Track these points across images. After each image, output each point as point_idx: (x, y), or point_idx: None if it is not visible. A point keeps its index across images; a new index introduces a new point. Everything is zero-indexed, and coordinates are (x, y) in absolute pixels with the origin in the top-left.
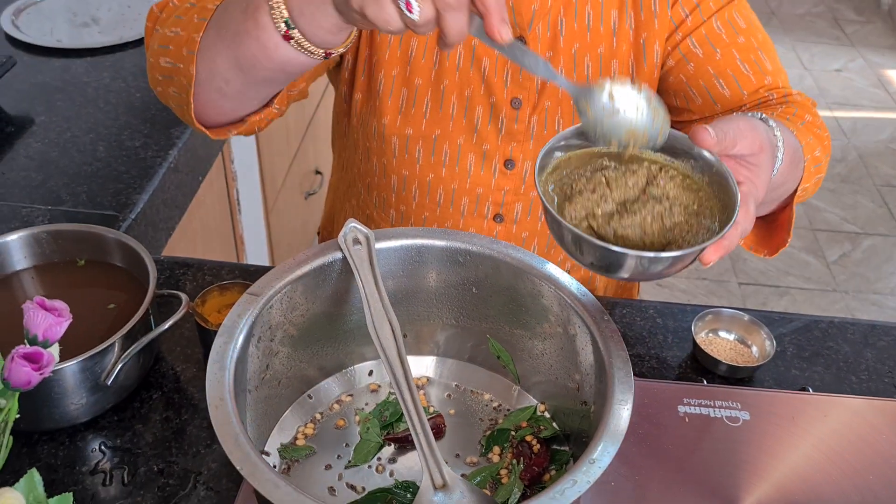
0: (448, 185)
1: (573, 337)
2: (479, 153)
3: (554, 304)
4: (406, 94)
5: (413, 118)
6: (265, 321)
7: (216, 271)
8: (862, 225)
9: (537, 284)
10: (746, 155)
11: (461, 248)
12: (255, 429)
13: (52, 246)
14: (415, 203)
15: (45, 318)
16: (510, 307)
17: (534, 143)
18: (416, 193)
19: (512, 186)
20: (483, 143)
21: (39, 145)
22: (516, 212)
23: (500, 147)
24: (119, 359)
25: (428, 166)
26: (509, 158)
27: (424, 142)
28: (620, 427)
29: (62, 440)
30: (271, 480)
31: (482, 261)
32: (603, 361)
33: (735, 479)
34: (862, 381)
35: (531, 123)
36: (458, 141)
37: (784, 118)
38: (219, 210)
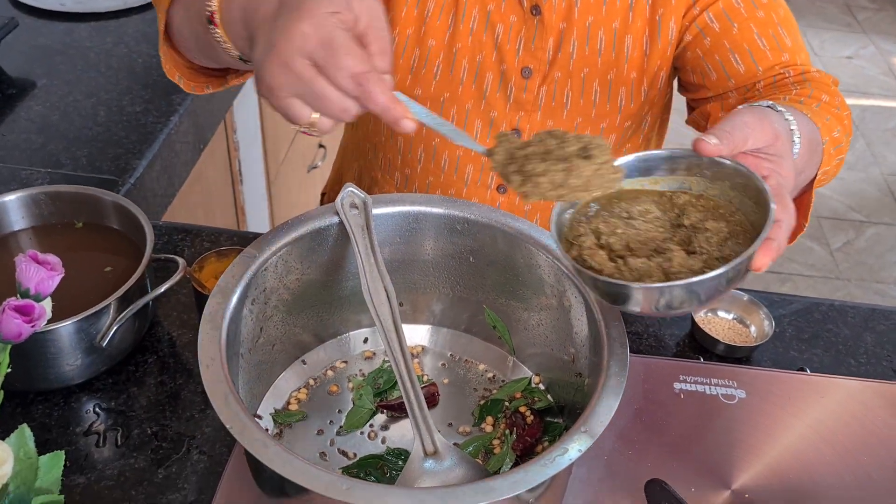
0: (453, 152)
1: (569, 308)
2: (486, 120)
3: (550, 275)
4: (418, 54)
5: (423, 79)
6: (260, 283)
7: (215, 238)
8: (867, 213)
9: (534, 254)
10: (763, 147)
11: (459, 216)
12: (247, 392)
13: (50, 207)
14: (420, 167)
15: (37, 272)
16: (507, 277)
17: (541, 115)
18: (421, 157)
19: None
20: (491, 111)
21: (40, 108)
22: None
23: (507, 115)
24: (114, 321)
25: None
26: (516, 128)
27: (432, 104)
28: (614, 398)
29: (56, 401)
30: (261, 440)
31: (480, 229)
32: (598, 333)
33: (729, 456)
34: (861, 364)
35: (540, 94)
36: (467, 106)
37: (797, 101)
38: (220, 180)
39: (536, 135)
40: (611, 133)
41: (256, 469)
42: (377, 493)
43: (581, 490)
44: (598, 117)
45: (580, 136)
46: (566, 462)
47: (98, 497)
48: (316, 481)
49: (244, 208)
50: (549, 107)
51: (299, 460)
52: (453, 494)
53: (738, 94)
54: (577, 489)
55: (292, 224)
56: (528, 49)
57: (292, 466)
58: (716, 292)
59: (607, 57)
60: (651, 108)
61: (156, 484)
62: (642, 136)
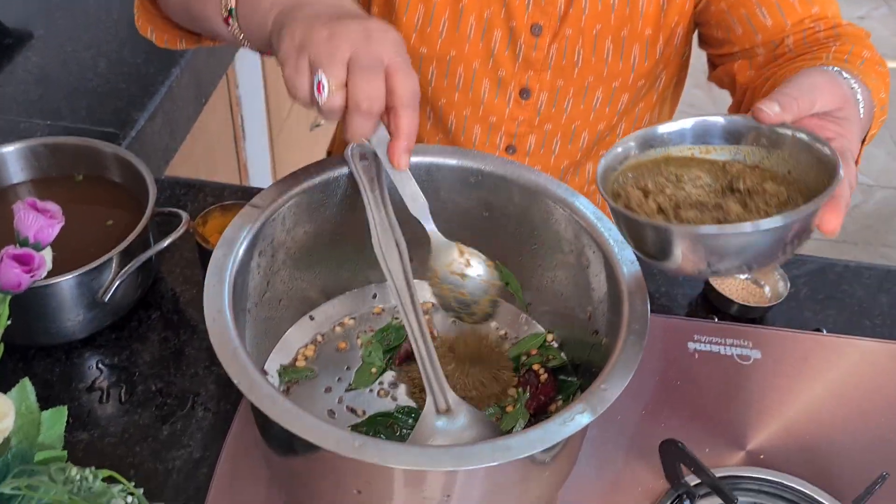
0: (460, 111)
1: (587, 265)
2: (493, 79)
3: (568, 230)
4: (423, 11)
5: (428, 37)
6: (267, 236)
7: (218, 192)
8: (875, 177)
9: (552, 209)
10: (832, 111)
11: (473, 167)
12: (254, 348)
13: (50, 160)
14: (429, 125)
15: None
16: (522, 232)
17: (551, 74)
18: (430, 115)
19: (526, 117)
20: (499, 69)
21: (38, 59)
22: (529, 144)
23: (516, 75)
24: (117, 275)
25: (441, 89)
26: (525, 87)
27: (438, 63)
28: (634, 357)
29: (58, 356)
30: (269, 395)
31: (495, 182)
32: (618, 291)
33: (744, 417)
34: (875, 325)
35: (550, 52)
36: (474, 65)
37: (842, 59)
38: (222, 136)
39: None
40: (623, 93)
41: (264, 426)
42: (390, 451)
43: (594, 450)
44: (611, 76)
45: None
46: (585, 421)
47: (102, 453)
48: (327, 438)
49: (246, 165)
50: (560, 66)
51: (309, 417)
52: (469, 453)
53: (766, 49)
54: (589, 449)
55: (300, 175)
56: (537, 4)
57: (302, 423)
58: (776, 249)
59: (621, 12)
60: (666, 67)
61: (160, 440)
62: (657, 94)
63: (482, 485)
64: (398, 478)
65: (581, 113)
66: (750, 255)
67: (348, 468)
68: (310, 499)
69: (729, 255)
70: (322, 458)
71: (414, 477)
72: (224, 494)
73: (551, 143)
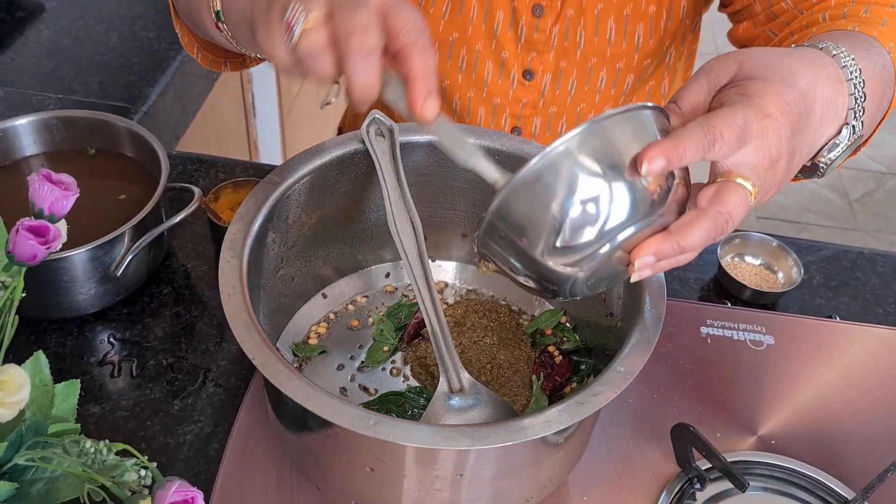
0: (465, 93)
1: None
2: (497, 61)
3: None
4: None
5: (431, 19)
6: (282, 212)
7: (230, 169)
8: (888, 164)
9: None
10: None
11: (490, 147)
12: (267, 325)
13: (63, 133)
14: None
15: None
16: None
17: (554, 55)
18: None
19: (530, 99)
20: (502, 51)
21: (50, 32)
22: (535, 126)
23: (518, 56)
24: (129, 250)
25: (444, 71)
26: (528, 69)
27: (441, 45)
28: (651, 339)
29: (70, 330)
30: (284, 372)
31: (512, 163)
32: None
33: (756, 402)
34: (889, 313)
35: (552, 34)
36: (477, 46)
37: (837, 18)
38: (233, 113)
39: None
40: (628, 73)
41: (277, 403)
42: (405, 430)
43: (605, 433)
44: (614, 57)
45: None
46: (602, 403)
47: (113, 427)
48: (342, 416)
49: (257, 143)
50: (562, 47)
51: (324, 394)
52: (484, 433)
53: (763, 6)
54: (601, 433)
55: (316, 151)
56: None
57: (317, 400)
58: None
59: None
60: (674, 41)
61: (171, 415)
62: (667, 70)
63: (494, 464)
64: (411, 456)
65: (585, 95)
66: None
67: (362, 446)
68: (322, 476)
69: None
70: (336, 436)
71: (427, 455)
72: (235, 469)
73: (557, 126)
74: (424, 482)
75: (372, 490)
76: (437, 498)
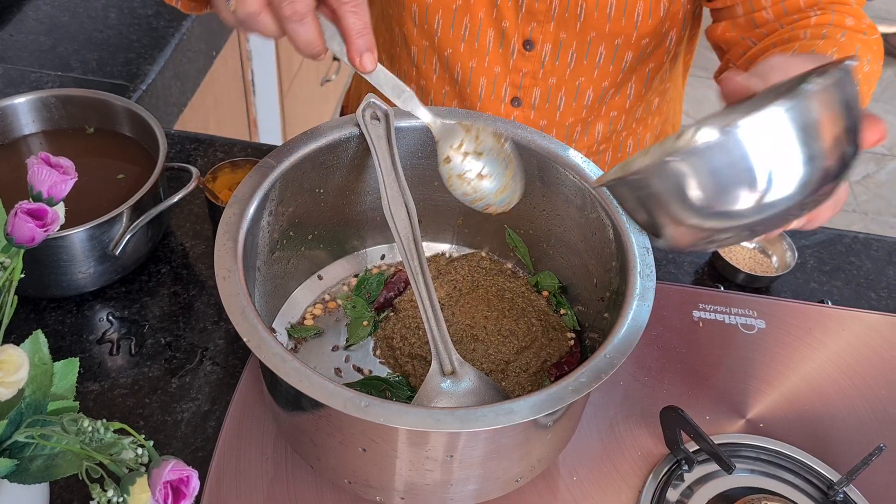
0: (466, 63)
1: (595, 232)
2: (498, 30)
3: (577, 196)
4: None
5: None
6: (277, 195)
7: (228, 148)
8: (890, 146)
9: (561, 174)
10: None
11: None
12: (262, 306)
13: (61, 111)
14: (435, 77)
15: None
16: (531, 197)
17: (554, 26)
18: (436, 67)
19: (530, 69)
20: (503, 20)
21: (49, 9)
22: (534, 97)
23: (519, 26)
24: (127, 229)
25: (447, 39)
26: (528, 39)
27: (444, 11)
28: (639, 324)
29: (70, 308)
30: (278, 354)
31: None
32: (626, 259)
33: (746, 386)
34: (881, 297)
35: (553, 4)
36: (479, 15)
37: (819, 33)
38: (233, 90)
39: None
40: (626, 50)
41: (272, 383)
42: (396, 412)
43: (596, 415)
44: (613, 33)
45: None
46: (589, 388)
47: (112, 404)
48: (333, 398)
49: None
50: (563, 18)
51: (317, 376)
52: (473, 415)
53: (744, 9)
54: (591, 414)
55: (312, 134)
56: None
57: (310, 382)
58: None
59: None
60: (673, 25)
61: (169, 393)
62: (668, 53)
63: (485, 446)
64: (402, 438)
65: (585, 69)
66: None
67: (354, 427)
68: (316, 455)
69: (717, 196)
70: (328, 417)
71: (418, 437)
72: (231, 447)
73: (556, 98)
74: (416, 463)
75: (364, 470)
76: (428, 478)
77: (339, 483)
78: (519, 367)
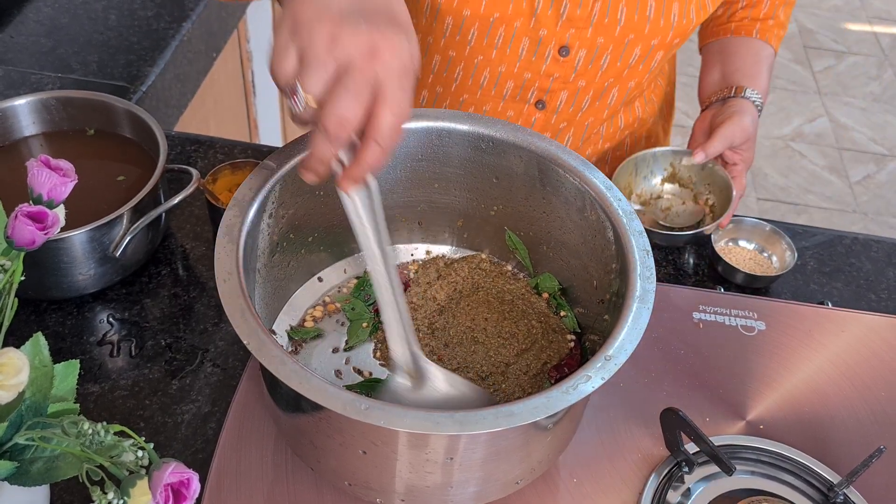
0: (495, 68)
1: (595, 234)
2: (534, 38)
3: (577, 199)
4: None
5: (472, 2)
6: (278, 197)
7: (228, 150)
8: (890, 146)
9: (561, 177)
10: (740, 145)
11: (484, 133)
12: (262, 308)
13: (62, 113)
14: (455, 85)
15: (49, 177)
16: (531, 201)
17: (592, 31)
18: (458, 75)
19: (562, 74)
20: (541, 28)
21: (49, 10)
22: (560, 100)
23: (557, 33)
24: (128, 231)
25: (479, 48)
26: (565, 45)
27: (481, 24)
28: (639, 326)
29: (70, 310)
30: (278, 357)
31: (506, 149)
32: (625, 262)
33: (746, 387)
34: (882, 299)
35: (594, 10)
36: (515, 24)
37: (753, 29)
38: (233, 91)
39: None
40: (659, 50)
41: (272, 386)
42: (396, 415)
43: (596, 416)
44: (651, 33)
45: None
46: (589, 390)
47: (112, 406)
48: (334, 400)
49: (257, 122)
50: (602, 24)
51: (316, 378)
52: (472, 418)
53: None
54: (591, 416)
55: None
56: None
57: (310, 384)
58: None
59: None
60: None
61: (170, 395)
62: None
63: (485, 448)
64: (403, 440)
65: (617, 70)
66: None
67: (354, 430)
68: (316, 457)
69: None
70: (329, 419)
71: (418, 439)
72: (232, 449)
73: (582, 100)
74: (416, 465)
75: (364, 472)
76: (428, 480)
77: (339, 485)
78: (519, 369)
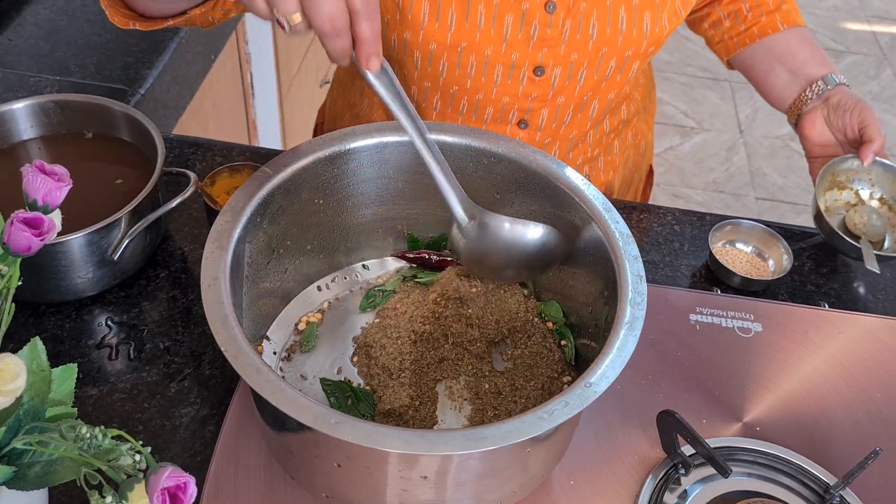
0: (473, 96)
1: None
2: (507, 63)
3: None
4: (429, 7)
5: (437, 32)
6: (275, 204)
7: (226, 152)
8: (889, 146)
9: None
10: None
11: (486, 149)
12: (255, 314)
13: (60, 116)
14: (435, 113)
15: (44, 183)
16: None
17: (565, 48)
18: (437, 104)
19: (539, 93)
20: (512, 53)
21: (47, 13)
22: (542, 118)
23: (529, 55)
24: (126, 234)
25: (452, 79)
26: (539, 65)
27: (449, 54)
28: (624, 355)
29: (68, 313)
30: (253, 365)
31: (507, 164)
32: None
33: (743, 389)
34: (878, 300)
35: (565, 28)
36: (486, 52)
37: (776, 22)
38: (231, 93)
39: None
40: (635, 60)
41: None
42: (366, 431)
43: (592, 419)
44: (625, 45)
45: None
46: (565, 416)
47: (111, 409)
48: (305, 412)
49: (255, 123)
50: (574, 40)
51: (290, 389)
52: (443, 439)
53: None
54: (589, 418)
55: (310, 146)
56: None
57: (283, 395)
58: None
59: None
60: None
61: (168, 398)
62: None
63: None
64: (374, 456)
65: (594, 83)
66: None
67: (328, 443)
68: (295, 467)
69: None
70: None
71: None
72: (230, 452)
73: (563, 115)
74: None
75: (341, 485)
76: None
77: (317, 496)
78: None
